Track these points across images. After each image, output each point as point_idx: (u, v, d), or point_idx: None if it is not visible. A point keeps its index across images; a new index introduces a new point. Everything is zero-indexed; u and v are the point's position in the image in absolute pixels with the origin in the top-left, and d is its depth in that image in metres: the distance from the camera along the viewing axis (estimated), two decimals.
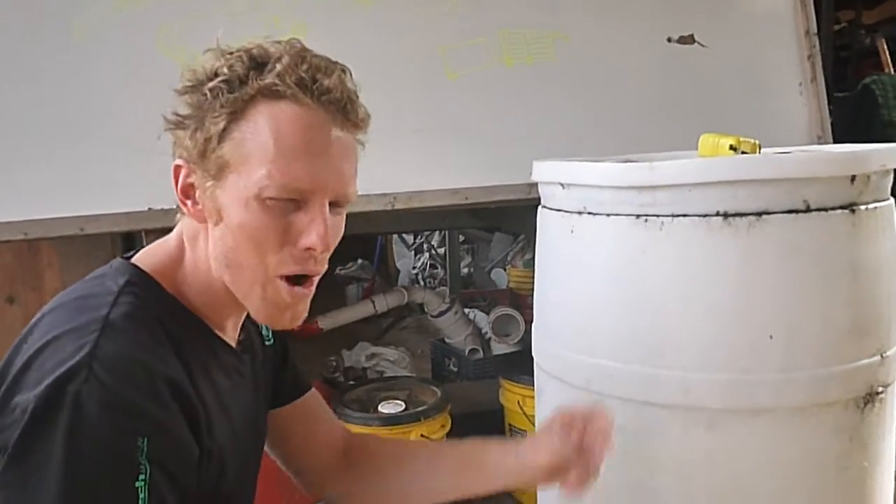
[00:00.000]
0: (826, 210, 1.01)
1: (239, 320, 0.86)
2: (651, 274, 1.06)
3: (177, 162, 0.76)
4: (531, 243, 2.48)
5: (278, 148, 0.72)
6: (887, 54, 3.22)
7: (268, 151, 0.72)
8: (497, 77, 1.75)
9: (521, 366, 1.90)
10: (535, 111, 1.76)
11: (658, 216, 1.04)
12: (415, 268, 4.52)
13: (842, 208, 1.02)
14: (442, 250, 4.14)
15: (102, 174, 1.52)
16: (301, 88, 0.73)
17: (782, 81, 1.92)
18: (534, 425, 1.38)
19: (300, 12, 1.56)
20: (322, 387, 2.14)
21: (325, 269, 0.79)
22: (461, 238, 4.14)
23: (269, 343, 0.96)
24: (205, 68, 0.74)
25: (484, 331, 2.41)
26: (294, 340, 1.04)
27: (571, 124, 1.77)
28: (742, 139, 1.21)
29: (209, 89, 0.73)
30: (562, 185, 1.17)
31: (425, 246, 4.56)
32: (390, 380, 2.17)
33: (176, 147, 0.77)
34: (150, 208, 1.51)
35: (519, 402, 1.91)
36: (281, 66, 0.73)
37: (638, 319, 1.07)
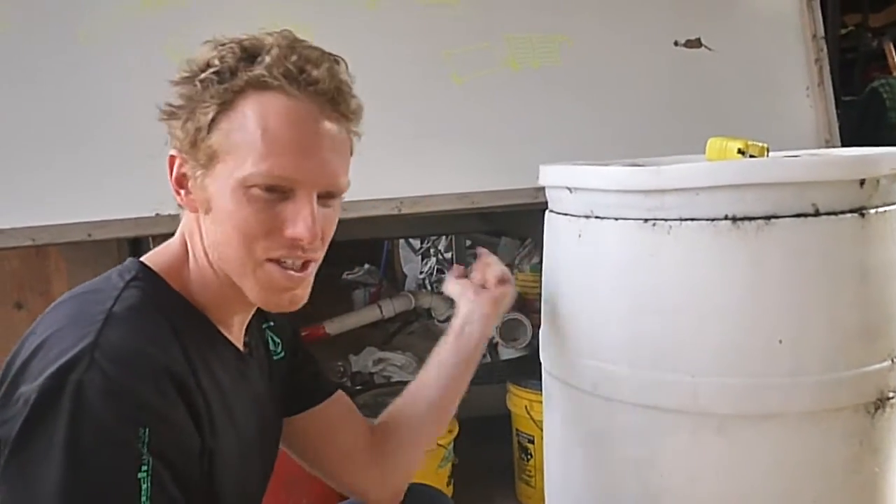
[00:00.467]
0: (835, 214, 1.01)
1: (245, 319, 0.86)
2: (659, 278, 1.05)
3: (171, 152, 0.78)
4: (537, 248, 2.47)
5: (265, 139, 0.73)
6: (894, 57, 3.21)
7: (255, 142, 0.73)
8: (503, 81, 1.75)
9: (528, 370, 1.90)
10: (541, 115, 1.76)
11: (666, 220, 1.04)
12: (422, 272, 4.51)
13: (851, 212, 1.02)
14: (449, 255, 4.13)
15: (110, 180, 1.53)
16: (288, 80, 0.73)
17: (789, 85, 1.92)
18: (541, 430, 1.38)
19: (305, 16, 1.56)
20: None
21: (320, 257, 0.80)
22: (468, 243, 4.14)
23: (278, 357, 0.95)
24: (198, 60, 0.75)
25: (491, 335, 2.40)
26: None
27: (578, 128, 1.76)
28: (750, 143, 1.21)
29: (200, 80, 0.74)
30: (569, 189, 1.17)
31: (432, 250, 4.55)
32: (398, 385, 2.16)
33: (171, 138, 0.78)
34: (157, 214, 1.51)
35: (526, 407, 1.90)
36: (270, 58, 0.74)
37: (646, 324, 1.06)
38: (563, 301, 1.21)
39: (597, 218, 1.12)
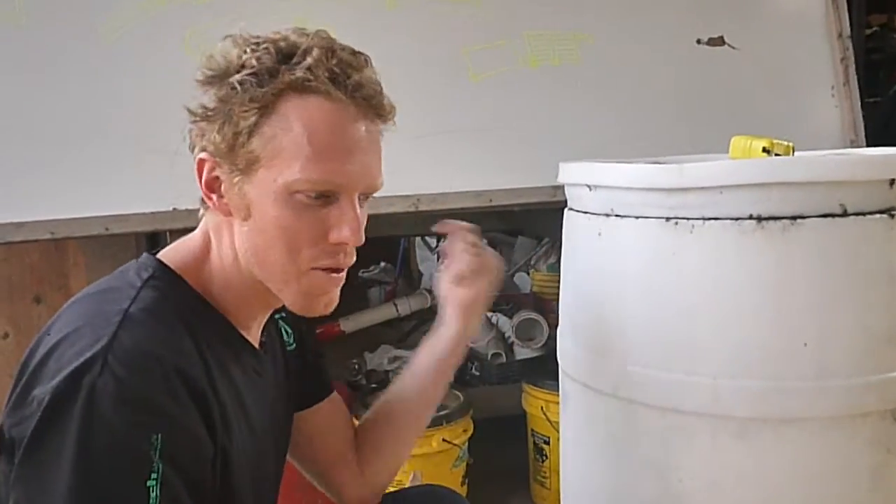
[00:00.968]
0: (863, 214, 0.99)
1: (264, 319, 0.85)
2: (680, 278, 1.03)
3: (201, 155, 0.76)
4: (555, 247, 2.45)
5: (311, 144, 0.72)
6: None
7: (301, 147, 0.72)
8: (521, 79, 1.74)
9: (544, 371, 1.89)
10: (559, 113, 1.75)
11: (688, 219, 1.02)
12: (438, 271, 4.50)
13: (880, 213, 0.99)
14: None
15: (128, 174, 1.53)
16: (333, 83, 0.72)
17: (814, 84, 1.89)
18: (557, 431, 1.37)
19: (325, 14, 1.56)
20: (344, 389, 2.13)
21: (354, 260, 0.79)
22: (484, 241, 4.12)
23: (290, 348, 0.95)
24: (228, 59, 0.73)
25: (507, 335, 2.39)
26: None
27: (597, 127, 1.75)
28: (775, 141, 1.19)
29: (238, 82, 0.72)
30: (589, 186, 1.15)
31: None
32: None
33: (197, 139, 0.76)
34: (174, 208, 1.51)
35: (542, 408, 1.89)
36: (311, 60, 0.72)
37: (666, 324, 1.04)
38: (582, 300, 1.20)
39: (617, 216, 1.10)
